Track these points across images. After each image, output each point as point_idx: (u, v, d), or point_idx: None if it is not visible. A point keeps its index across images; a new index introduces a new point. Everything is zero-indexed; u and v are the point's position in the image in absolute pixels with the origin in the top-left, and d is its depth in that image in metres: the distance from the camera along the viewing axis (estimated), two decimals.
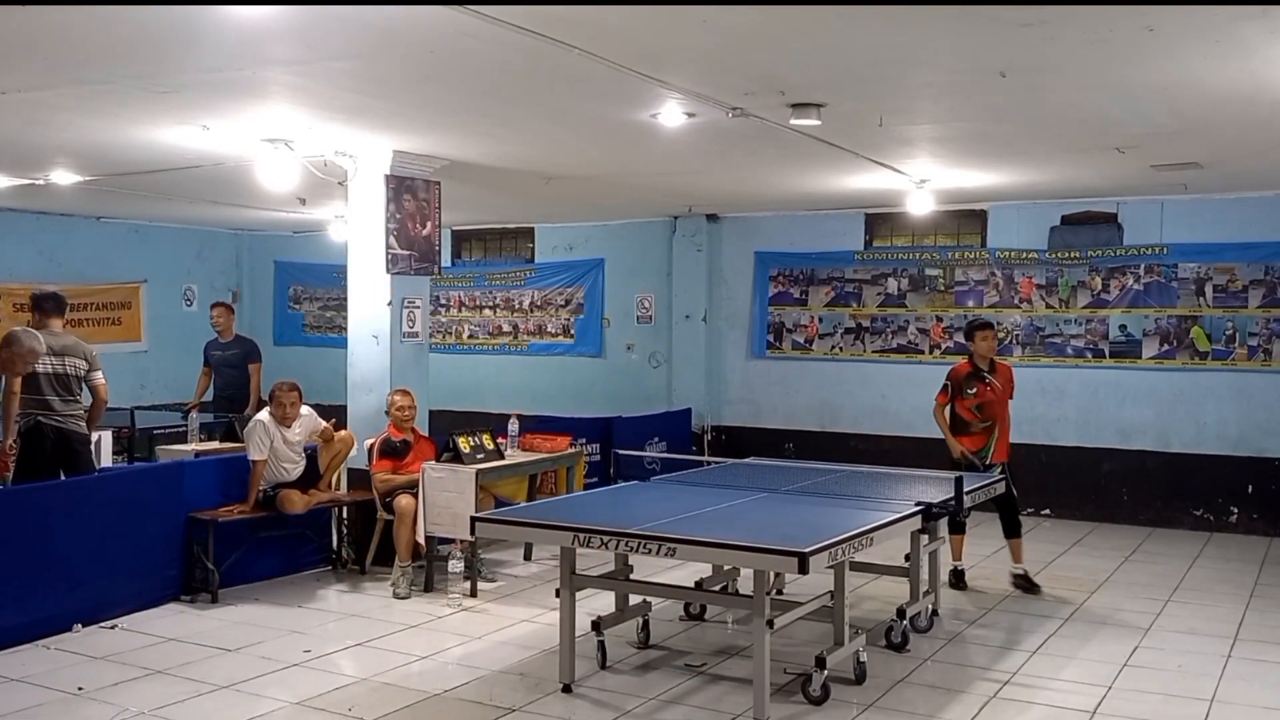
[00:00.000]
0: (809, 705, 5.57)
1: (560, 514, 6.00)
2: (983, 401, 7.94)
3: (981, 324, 8.27)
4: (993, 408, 7.95)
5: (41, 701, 5.59)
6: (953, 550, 8.11)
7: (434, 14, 4.69)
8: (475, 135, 7.62)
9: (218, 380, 10.86)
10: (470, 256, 14.42)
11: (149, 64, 5.67)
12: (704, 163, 8.66)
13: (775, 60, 5.48)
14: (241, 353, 10.80)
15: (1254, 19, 4.70)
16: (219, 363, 10.85)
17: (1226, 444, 10.34)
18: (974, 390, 7.96)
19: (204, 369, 11.02)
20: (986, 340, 8.06)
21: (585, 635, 6.14)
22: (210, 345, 11.02)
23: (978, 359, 8.06)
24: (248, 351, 10.83)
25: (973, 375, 8.01)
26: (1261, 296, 10.19)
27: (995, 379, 7.99)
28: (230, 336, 10.92)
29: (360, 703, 5.59)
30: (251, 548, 7.88)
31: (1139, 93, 6.11)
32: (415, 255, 8.66)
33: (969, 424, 7.99)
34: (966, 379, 8.01)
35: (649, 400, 12.74)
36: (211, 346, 11.00)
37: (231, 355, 10.79)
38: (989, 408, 7.95)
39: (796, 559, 4.90)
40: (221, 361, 10.83)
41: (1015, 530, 7.97)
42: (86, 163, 9.01)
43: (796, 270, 12.28)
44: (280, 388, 7.97)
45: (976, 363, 8.05)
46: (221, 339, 10.92)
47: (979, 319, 8.72)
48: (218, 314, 10.98)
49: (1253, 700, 5.76)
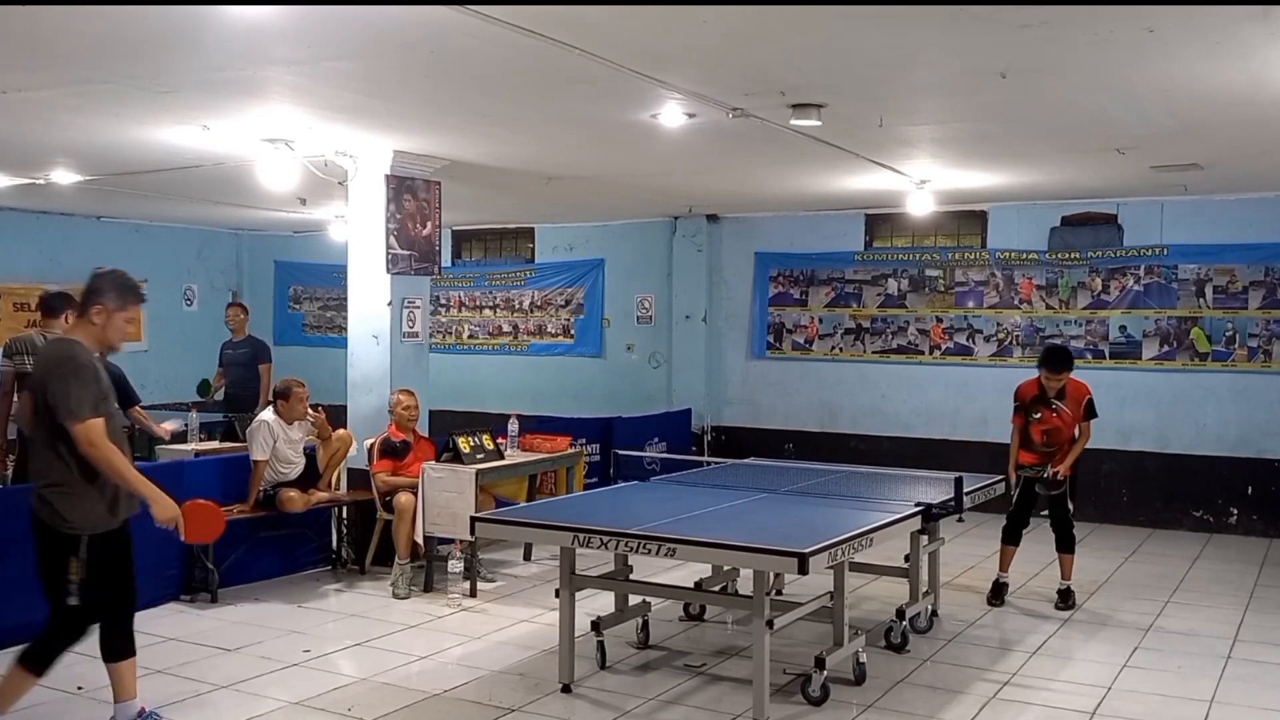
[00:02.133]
0: (808, 706, 5.57)
1: (560, 514, 6.00)
2: (1049, 428, 7.53)
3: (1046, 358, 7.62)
4: (1060, 434, 7.52)
5: (41, 701, 5.58)
6: (1002, 561, 7.74)
7: (434, 14, 4.69)
8: (475, 135, 7.62)
9: (228, 378, 11.03)
10: (470, 256, 14.42)
11: (149, 64, 5.67)
12: (704, 163, 8.66)
13: (775, 61, 5.49)
14: (251, 352, 10.94)
15: (1254, 20, 4.70)
16: (230, 361, 11.01)
17: (1226, 445, 10.34)
18: (1039, 415, 7.52)
19: (219, 369, 11.22)
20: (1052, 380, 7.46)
21: (585, 635, 6.14)
22: (225, 345, 11.23)
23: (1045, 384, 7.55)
24: (258, 352, 10.98)
25: (1039, 399, 7.54)
26: (1261, 298, 10.19)
27: (1064, 404, 7.49)
28: (242, 336, 11.08)
29: (360, 703, 5.59)
30: (251, 547, 7.88)
31: (1139, 94, 6.11)
32: (415, 255, 8.66)
33: (1035, 445, 7.60)
34: (1033, 402, 7.58)
35: (649, 400, 12.75)
36: (226, 346, 11.20)
37: (241, 354, 10.93)
38: (1055, 434, 7.53)
39: (796, 559, 4.90)
40: (231, 360, 10.99)
41: (1067, 545, 7.60)
42: (86, 163, 9.01)
43: (796, 271, 12.28)
44: (295, 383, 7.98)
45: (1044, 384, 7.53)
46: (234, 338, 11.10)
47: (1050, 348, 7.87)
48: (232, 314, 11.22)
49: (1252, 701, 5.76)
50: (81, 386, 4.52)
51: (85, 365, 4.59)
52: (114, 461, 4.59)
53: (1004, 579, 7.71)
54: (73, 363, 4.57)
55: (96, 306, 4.73)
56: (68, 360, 4.59)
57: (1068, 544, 7.62)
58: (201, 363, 11.15)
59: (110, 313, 4.74)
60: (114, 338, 4.79)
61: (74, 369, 4.55)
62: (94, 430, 4.53)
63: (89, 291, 4.77)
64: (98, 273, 4.88)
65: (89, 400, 4.53)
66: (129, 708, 4.98)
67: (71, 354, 4.62)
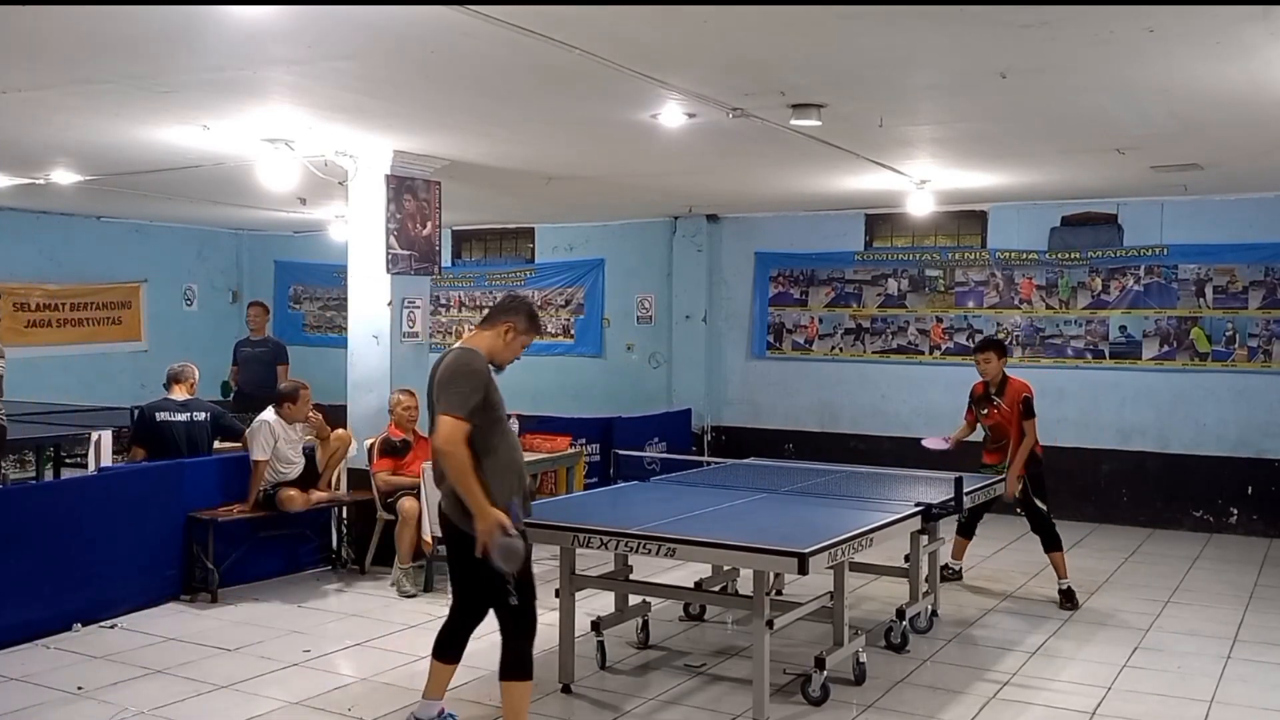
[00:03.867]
0: (808, 706, 5.57)
1: (560, 514, 6.00)
2: (992, 423, 7.81)
3: (979, 346, 8.06)
4: (1001, 429, 7.76)
5: (41, 701, 5.59)
6: (954, 550, 8.13)
7: (434, 14, 4.69)
8: (475, 135, 7.62)
9: (242, 376, 11.19)
10: (470, 256, 14.42)
11: (149, 64, 5.67)
12: (704, 163, 8.66)
13: (775, 61, 5.49)
14: (272, 351, 11.19)
15: (1254, 20, 4.70)
16: (247, 359, 11.21)
17: (1226, 445, 10.34)
18: (985, 411, 7.84)
19: (233, 367, 11.38)
20: (979, 364, 7.81)
21: (585, 635, 6.14)
22: (241, 343, 11.45)
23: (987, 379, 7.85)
24: (277, 352, 11.23)
25: (984, 397, 7.85)
26: (1261, 298, 10.19)
27: (1003, 400, 7.72)
28: (262, 335, 11.33)
29: (360, 703, 5.59)
30: (251, 547, 7.89)
31: (1139, 94, 6.11)
32: (415, 255, 8.66)
33: (986, 440, 7.93)
34: (979, 400, 7.88)
35: (649, 400, 12.74)
36: (242, 344, 11.40)
37: (261, 353, 11.18)
38: (998, 429, 7.79)
39: (796, 559, 4.90)
40: (250, 358, 11.19)
41: (1052, 544, 7.66)
42: (87, 163, 9.01)
43: (796, 271, 12.28)
44: (301, 385, 8.09)
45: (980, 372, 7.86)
46: (253, 336, 11.34)
47: (982, 339, 8.26)
48: (254, 313, 11.52)
49: (1252, 701, 5.76)
50: (467, 386, 4.60)
51: (478, 371, 4.69)
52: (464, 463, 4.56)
53: (954, 565, 8.16)
54: (468, 368, 4.67)
55: (508, 324, 4.86)
56: (465, 365, 4.68)
57: (1053, 543, 7.67)
58: (201, 362, 11.05)
59: (517, 334, 4.88)
60: (507, 356, 4.90)
61: (468, 373, 4.65)
62: (457, 430, 4.55)
63: (504, 309, 4.93)
64: (516, 297, 5.12)
65: (461, 400, 4.57)
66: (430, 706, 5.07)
67: (469, 361, 4.71)
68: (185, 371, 8.39)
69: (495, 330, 4.86)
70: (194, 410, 8.24)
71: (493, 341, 4.85)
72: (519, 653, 4.73)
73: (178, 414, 8.16)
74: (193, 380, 8.37)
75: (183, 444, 8.08)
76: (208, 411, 8.34)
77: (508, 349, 4.86)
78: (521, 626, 4.73)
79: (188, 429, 8.16)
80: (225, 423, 8.43)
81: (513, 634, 4.72)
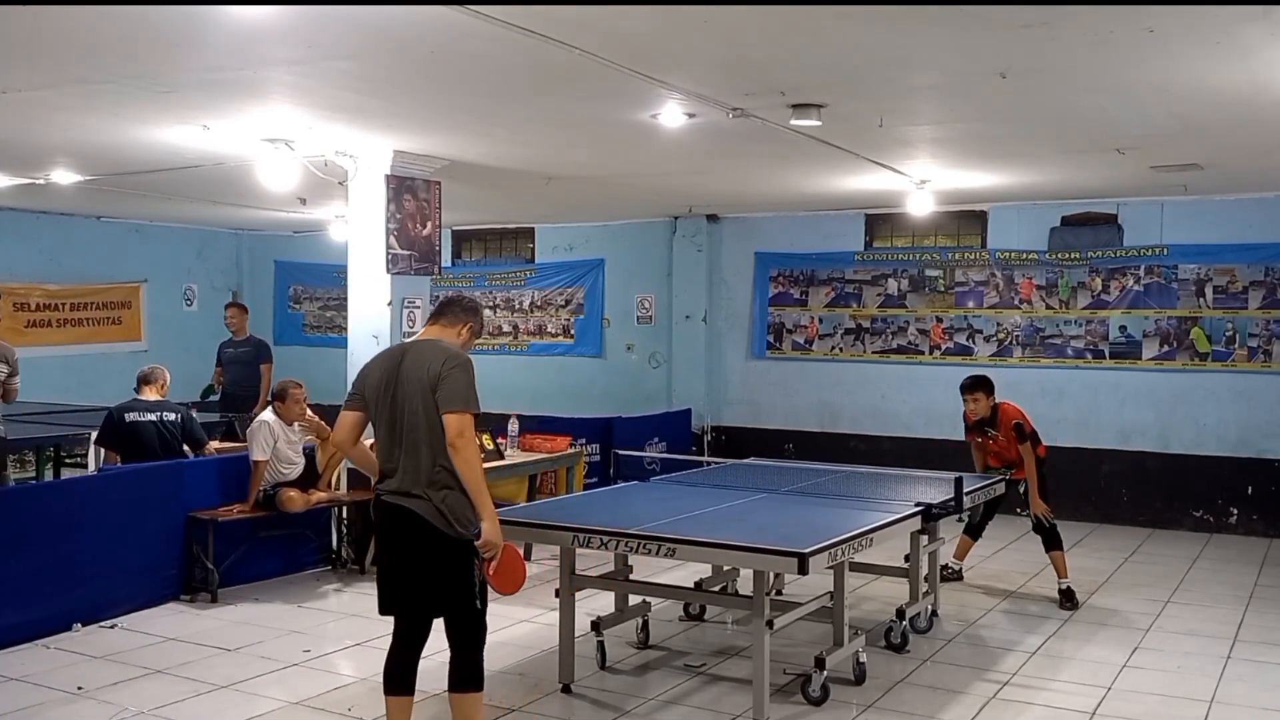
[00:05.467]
0: (808, 706, 5.57)
1: (560, 514, 6.00)
2: (996, 452, 7.83)
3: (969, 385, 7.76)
4: (1006, 454, 7.76)
5: (41, 701, 5.59)
6: (958, 549, 8.14)
7: (434, 14, 4.69)
8: (475, 135, 7.62)
9: (226, 377, 11.02)
10: (470, 256, 14.42)
11: (149, 64, 5.67)
12: (704, 163, 8.66)
13: (775, 61, 5.49)
14: (253, 351, 10.95)
15: (1254, 20, 4.70)
16: (230, 360, 11.00)
17: (1226, 445, 10.34)
18: (980, 441, 7.88)
19: (217, 368, 11.20)
20: (968, 403, 7.73)
21: (585, 635, 6.14)
22: (224, 344, 11.21)
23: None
24: (260, 351, 10.99)
25: (977, 427, 7.82)
26: (1261, 298, 10.19)
27: (998, 431, 7.72)
28: (243, 335, 11.10)
29: (360, 703, 5.59)
30: (251, 547, 7.88)
31: (1139, 94, 6.11)
32: (415, 255, 8.66)
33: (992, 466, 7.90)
34: (974, 426, 7.84)
35: (649, 400, 12.74)
36: (225, 345, 11.18)
37: (243, 353, 10.94)
38: (1001, 458, 7.80)
39: (796, 559, 4.90)
40: (233, 359, 10.98)
41: (1053, 543, 7.64)
42: (86, 163, 9.01)
43: (796, 271, 12.28)
44: (292, 384, 8.03)
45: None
46: (235, 337, 11.11)
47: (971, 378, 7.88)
48: (231, 314, 11.23)
49: (1252, 701, 5.76)
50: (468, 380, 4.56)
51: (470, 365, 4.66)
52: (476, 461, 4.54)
53: (954, 565, 8.12)
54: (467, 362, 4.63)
55: (469, 324, 4.86)
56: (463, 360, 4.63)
57: (1054, 542, 7.67)
58: (202, 362, 11.14)
59: (473, 336, 4.89)
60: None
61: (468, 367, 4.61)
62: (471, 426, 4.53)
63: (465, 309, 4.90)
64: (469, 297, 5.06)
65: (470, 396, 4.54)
66: None
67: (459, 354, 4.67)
68: (155, 373, 8.28)
69: (455, 329, 4.81)
70: (164, 411, 8.14)
71: (453, 339, 4.79)
72: (472, 662, 4.65)
73: (147, 414, 8.03)
74: (163, 381, 8.25)
75: (155, 444, 7.97)
76: (178, 413, 8.23)
77: (463, 349, 4.80)
78: (478, 635, 4.69)
79: (158, 429, 8.06)
80: (190, 428, 8.24)
81: (468, 643, 4.65)
